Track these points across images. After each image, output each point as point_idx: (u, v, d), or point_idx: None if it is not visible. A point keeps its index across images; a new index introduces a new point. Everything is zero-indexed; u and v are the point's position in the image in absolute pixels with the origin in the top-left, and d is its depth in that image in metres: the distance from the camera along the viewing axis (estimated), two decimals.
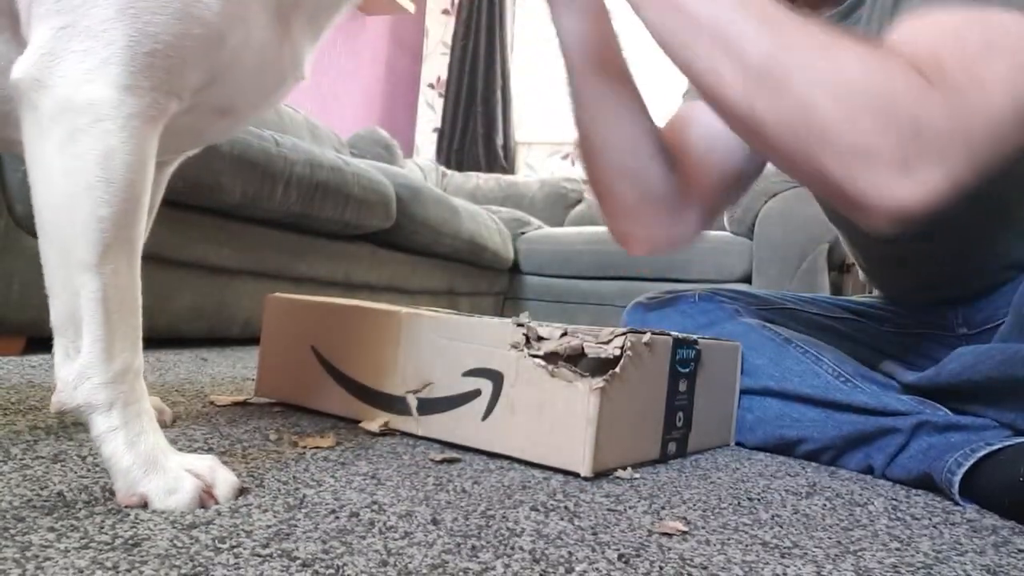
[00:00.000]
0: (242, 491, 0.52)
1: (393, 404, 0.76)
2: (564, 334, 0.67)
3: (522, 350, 0.68)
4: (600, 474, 0.67)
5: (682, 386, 0.76)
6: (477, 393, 0.71)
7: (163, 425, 0.70)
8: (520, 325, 0.69)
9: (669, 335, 0.74)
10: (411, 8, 3.56)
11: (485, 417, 0.70)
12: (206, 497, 0.49)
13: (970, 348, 0.75)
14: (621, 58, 0.82)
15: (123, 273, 0.48)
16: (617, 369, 0.66)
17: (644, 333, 0.70)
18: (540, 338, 0.67)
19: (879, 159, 0.57)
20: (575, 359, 0.66)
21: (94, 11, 0.46)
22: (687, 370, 0.77)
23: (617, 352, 0.66)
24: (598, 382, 0.65)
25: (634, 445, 0.70)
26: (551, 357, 0.67)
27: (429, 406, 0.74)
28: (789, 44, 0.59)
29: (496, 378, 0.70)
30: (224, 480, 0.50)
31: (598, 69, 0.81)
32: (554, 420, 0.66)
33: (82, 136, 0.45)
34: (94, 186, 0.46)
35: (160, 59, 0.48)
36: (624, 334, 0.67)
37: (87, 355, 0.47)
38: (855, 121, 0.57)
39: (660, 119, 0.90)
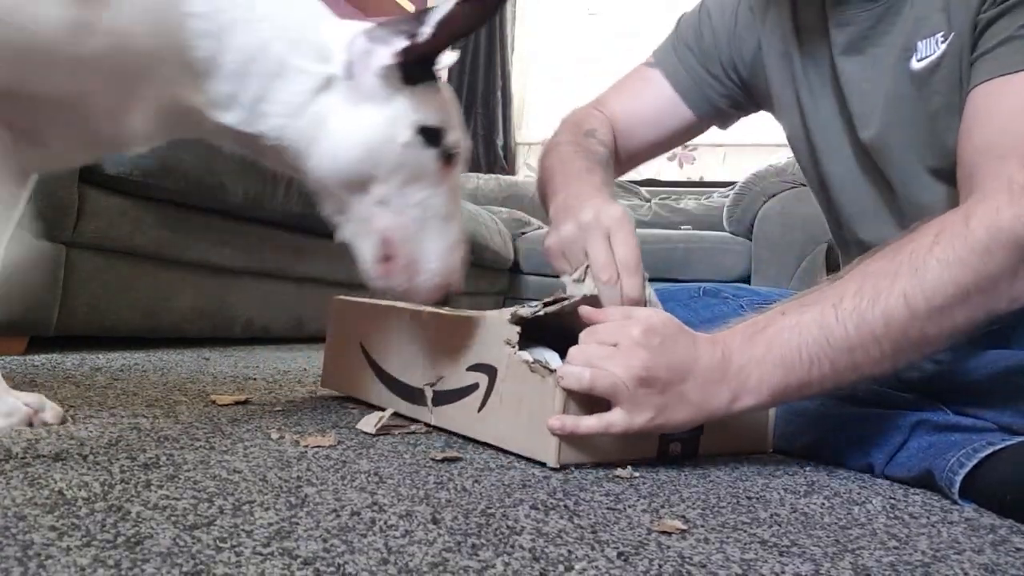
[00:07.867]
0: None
1: (415, 396, 0.83)
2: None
3: (514, 347, 0.71)
4: (600, 472, 0.67)
5: None
6: (476, 386, 0.75)
7: (43, 424, 0.68)
8: (518, 322, 0.71)
9: None
10: (411, 8, 3.57)
11: (480, 409, 0.74)
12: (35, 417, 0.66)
13: (980, 351, 0.74)
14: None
15: None
16: None
17: None
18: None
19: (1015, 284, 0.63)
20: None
21: None
22: None
23: None
24: None
25: (622, 443, 0.70)
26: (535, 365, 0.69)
27: (442, 398, 0.80)
28: (887, 309, 0.64)
29: (491, 372, 0.73)
30: (52, 408, 0.67)
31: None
32: (531, 413, 0.69)
33: None
34: None
35: None
36: None
37: None
38: (972, 295, 0.63)
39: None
